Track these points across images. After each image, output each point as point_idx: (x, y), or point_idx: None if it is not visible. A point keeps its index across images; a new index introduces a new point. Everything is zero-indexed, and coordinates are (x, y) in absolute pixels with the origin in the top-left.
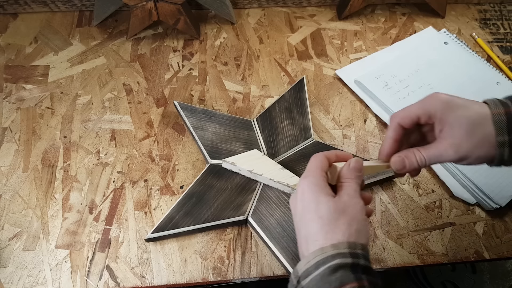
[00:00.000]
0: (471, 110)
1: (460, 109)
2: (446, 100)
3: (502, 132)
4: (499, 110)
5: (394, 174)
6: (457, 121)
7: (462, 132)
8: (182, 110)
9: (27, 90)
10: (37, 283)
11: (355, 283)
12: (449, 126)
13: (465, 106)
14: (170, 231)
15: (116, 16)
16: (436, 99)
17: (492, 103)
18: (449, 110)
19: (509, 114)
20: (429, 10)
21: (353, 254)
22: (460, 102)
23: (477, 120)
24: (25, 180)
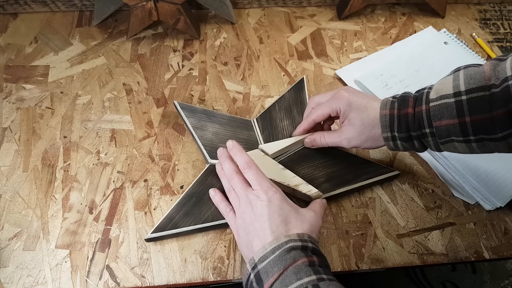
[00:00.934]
0: (364, 112)
1: (357, 111)
2: (348, 101)
3: (385, 130)
4: (385, 111)
5: (394, 175)
6: (352, 120)
7: (354, 130)
8: (182, 110)
9: (27, 90)
10: (37, 283)
11: (305, 258)
12: (348, 123)
13: (362, 108)
14: (170, 231)
15: (116, 16)
16: (342, 99)
17: (382, 104)
18: (349, 109)
19: (392, 116)
20: (429, 10)
21: (302, 240)
22: (358, 102)
23: (367, 121)
24: (25, 180)
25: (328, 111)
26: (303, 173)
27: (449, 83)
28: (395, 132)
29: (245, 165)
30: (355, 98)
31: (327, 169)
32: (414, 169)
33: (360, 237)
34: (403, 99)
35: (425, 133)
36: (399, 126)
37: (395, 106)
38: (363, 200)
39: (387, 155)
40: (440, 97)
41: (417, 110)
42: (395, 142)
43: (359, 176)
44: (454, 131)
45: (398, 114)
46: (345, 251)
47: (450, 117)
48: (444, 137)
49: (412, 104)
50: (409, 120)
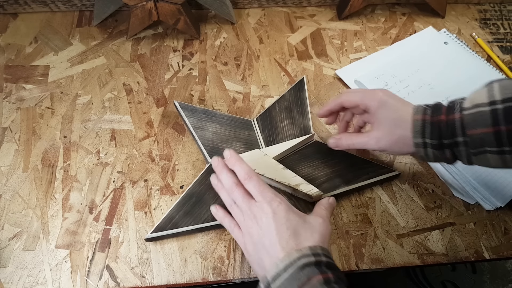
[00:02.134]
0: (396, 113)
1: (388, 111)
2: (381, 99)
3: (417, 135)
4: (417, 116)
5: (394, 175)
6: (383, 120)
7: (385, 130)
8: (182, 110)
9: (27, 90)
10: (37, 283)
11: (319, 275)
12: (377, 123)
13: (394, 109)
14: (170, 230)
15: (116, 16)
16: (375, 97)
17: (415, 109)
18: (381, 108)
19: (424, 121)
20: (429, 10)
21: (315, 254)
22: (392, 103)
23: (398, 123)
24: (25, 180)
25: (357, 100)
26: (304, 173)
27: (484, 93)
28: (427, 139)
29: (246, 176)
30: (388, 99)
31: (328, 169)
32: (414, 169)
33: (360, 237)
34: (436, 107)
35: (458, 142)
36: (432, 133)
37: (428, 113)
38: (363, 200)
39: (387, 155)
40: (474, 106)
41: (450, 118)
42: (426, 149)
43: (359, 176)
44: (488, 141)
45: (431, 120)
46: (345, 251)
47: (485, 126)
48: (477, 147)
49: (445, 112)
50: (442, 127)
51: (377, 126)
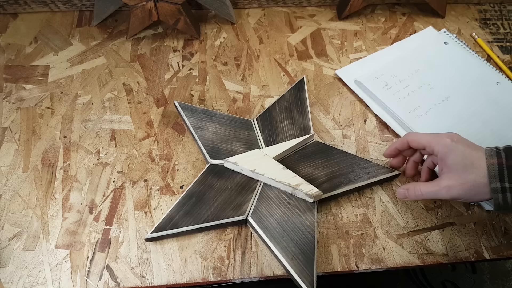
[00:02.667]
0: (467, 159)
1: (458, 157)
2: (449, 145)
3: (494, 180)
4: (492, 160)
5: (395, 175)
6: (452, 167)
7: (455, 178)
8: (182, 110)
9: (27, 90)
10: (37, 283)
11: None
12: (447, 170)
13: (464, 155)
14: (170, 231)
15: (116, 16)
16: (442, 141)
17: (488, 153)
18: (449, 154)
19: (500, 165)
20: (429, 10)
21: None
22: (461, 149)
23: (470, 169)
24: (25, 180)
25: (424, 142)
26: (304, 173)
27: None
28: (506, 183)
29: None
30: (457, 144)
31: (327, 169)
32: None
33: (360, 237)
34: (509, 150)
35: None
36: (510, 176)
37: (502, 156)
38: (363, 200)
39: None
40: None
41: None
42: (504, 195)
43: (359, 176)
44: None
45: (508, 164)
46: (345, 251)
47: None
48: None
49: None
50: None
51: (447, 174)
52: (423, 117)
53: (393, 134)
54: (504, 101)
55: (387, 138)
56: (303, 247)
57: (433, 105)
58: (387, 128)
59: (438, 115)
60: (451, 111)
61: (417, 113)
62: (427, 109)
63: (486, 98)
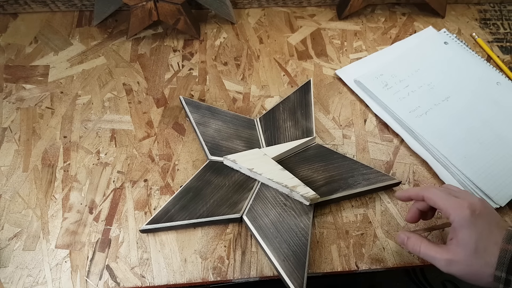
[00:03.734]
0: (484, 239)
1: (475, 234)
2: (468, 219)
3: (501, 268)
4: (508, 245)
5: (394, 183)
6: (465, 242)
7: (462, 257)
8: (187, 105)
9: (27, 90)
10: (37, 283)
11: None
12: (457, 243)
13: (482, 234)
14: (165, 223)
15: (116, 16)
16: (463, 213)
17: (508, 236)
18: (466, 229)
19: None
20: (429, 10)
21: None
22: (481, 225)
23: (482, 253)
24: (25, 180)
25: (441, 206)
26: (302, 175)
27: None
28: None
29: None
30: (478, 220)
31: (327, 173)
32: (414, 169)
33: (360, 237)
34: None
35: None
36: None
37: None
38: (363, 200)
39: (387, 155)
40: None
41: None
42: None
43: (358, 182)
44: None
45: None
46: (345, 251)
47: None
48: None
49: None
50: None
51: (455, 248)
52: (423, 117)
53: (393, 134)
54: (504, 101)
55: (387, 138)
56: (296, 249)
57: (433, 105)
58: (387, 128)
59: (438, 115)
60: (451, 111)
61: (417, 113)
62: (427, 109)
63: (486, 98)
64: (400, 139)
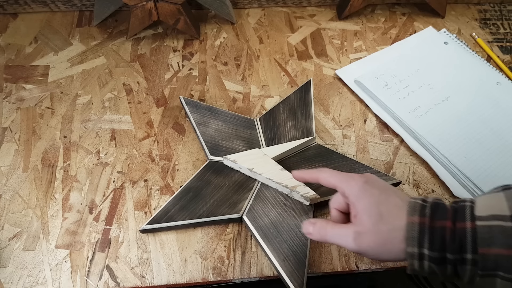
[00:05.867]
0: (383, 206)
1: (372, 202)
2: (362, 187)
3: (412, 243)
4: (414, 218)
5: (395, 183)
6: (364, 213)
7: (367, 226)
8: (186, 105)
9: (27, 90)
10: (37, 283)
11: None
12: (358, 216)
13: (379, 200)
14: (165, 223)
15: (116, 16)
16: (355, 182)
17: (410, 207)
18: (362, 199)
19: (422, 225)
20: (429, 10)
21: None
22: (376, 193)
23: (386, 219)
24: (25, 180)
25: (335, 183)
26: None
27: (502, 201)
28: (425, 249)
29: None
30: (371, 188)
31: None
32: (414, 169)
33: None
34: (437, 206)
35: (465, 259)
36: (432, 243)
37: (427, 213)
38: None
39: (387, 155)
40: (492, 217)
41: (458, 227)
42: (421, 262)
43: None
44: (505, 265)
45: (431, 225)
46: (345, 251)
47: (504, 246)
48: (488, 270)
49: (451, 216)
50: (447, 237)
51: (358, 220)
52: (423, 117)
53: (393, 134)
54: (504, 101)
55: (387, 138)
56: (296, 249)
57: (433, 105)
58: (387, 128)
59: (438, 115)
60: (451, 111)
61: (417, 113)
62: (427, 109)
63: (486, 98)
64: (400, 139)
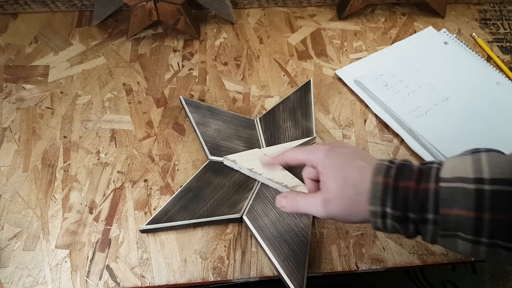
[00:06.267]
0: (349, 170)
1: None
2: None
3: (375, 202)
4: (378, 178)
5: None
6: (331, 178)
7: (334, 191)
8: (186, 106)
9: (27, 90)
10: (37, 283)
11: None
12: (325, 182)
13: (344, 164)
14: (165, 224)
15: (116, 16)
16: (319, 151)
17: (377, 168)
18: (327, 165)
19: (386, 185)
20: (429, 10)
21: None
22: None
23: (352, 182)
24: (25, 180)
25: (302, 157)
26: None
27: (469, 164)
28: (388, 208)
29: None
30: (336, 154)
31: None
32: None
33: (360, 237)
34: (403, 168)
35: (426, 219)
36: (395, 202)
37: (392, 174)
38: None
39: (387, 155)
40: (455, 179)
41: (421, 187)
42: (384, 220)
43: None
44: (465, 226)
45: (395, 185)
46: (345, 251)
47: (465, 208)
48: (449, 230)
49: (416, 177)
50: (409, 197)
51: (325, 187)
52: (423, 117)
53: (393, 134)
54: (504, 101)
55: (387, 138)
56: (296, 250)
57: (433, 105)
58: (387, 128)
59: (438, 115)
60: (451, 111)
61: (417, 113)
62: (427, 109)
63: (486, 98)
64: (400, 139)
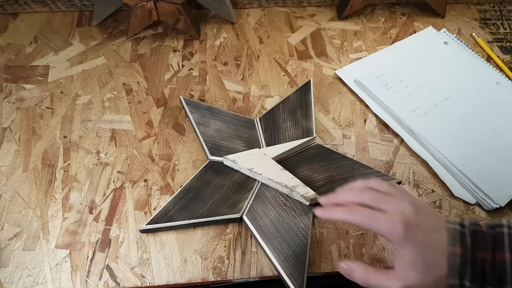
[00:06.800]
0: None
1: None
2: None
3: (453, 274)
4: (455, 249)
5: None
6: (410, 261)
7: (415, 278)
8: (186, 105)
9: (27, 90)
10: (37, 283)
11: None
12: (403, 264)
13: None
14: (165, 223)
15: (116, 16)
16: (395, 227)
17: (451, 237)
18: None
19: (464, 258)
20: (429, 10)
21: None
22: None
23: (432, 264)
24: (25, 180)
25: (372, 229)
26: (302, 175)
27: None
28: (466, 281)
29: None
30: (414, 234)
31: (327, 173)
32: (414, 169)
33: (360, 237)
34: (476, 234)
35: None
36: (473, 275)
37: (468, 244)
38: None
39: (387, 155)
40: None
41: (498, 258)
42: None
43: None
44: None
45: (473, 256)
46: (345, 251)
47: None
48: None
49: (491, 248)
50: (487, 269)
51: (404, 271)
52: (423, 117)
53: (393, 134)
54: (504, 101)
55: (387, 138)
56: (296, 249)
57: (433, 105)
58: (387, 128)
59: (438, 115)
60: (451, 111)
61: (417, 113)
62: (427, 109)
63: (486, 98)
64: (400, 139)
